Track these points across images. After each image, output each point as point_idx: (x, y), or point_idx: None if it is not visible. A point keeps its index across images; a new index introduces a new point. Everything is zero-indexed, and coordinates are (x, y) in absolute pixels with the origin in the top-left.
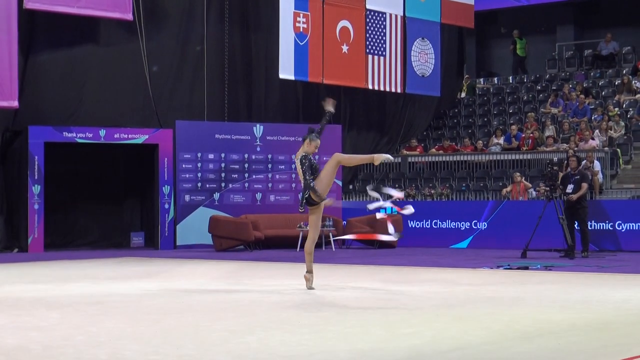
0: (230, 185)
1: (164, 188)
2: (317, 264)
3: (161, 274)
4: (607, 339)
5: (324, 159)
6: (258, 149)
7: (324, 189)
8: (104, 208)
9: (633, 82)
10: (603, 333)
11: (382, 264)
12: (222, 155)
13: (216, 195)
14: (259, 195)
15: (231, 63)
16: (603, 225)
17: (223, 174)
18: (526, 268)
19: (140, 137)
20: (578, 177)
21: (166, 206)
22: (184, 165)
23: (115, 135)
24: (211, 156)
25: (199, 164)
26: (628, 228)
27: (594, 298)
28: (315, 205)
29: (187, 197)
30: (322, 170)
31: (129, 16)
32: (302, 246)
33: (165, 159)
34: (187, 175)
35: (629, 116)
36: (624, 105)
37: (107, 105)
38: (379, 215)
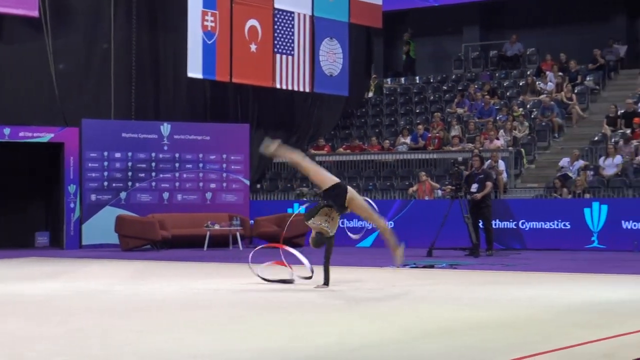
0: (137, 185)
1: (69, 187)
2: (224, 264)
3: (67, 274)
4: (511, 336)
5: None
6: (165, 147)
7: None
8: (8, 208)
9: (537, 83)
10: (507, 331)
11: (289, 263)
12: (129, 154)
13: (123, 195)
14: (166, 195)
15: (139, 61)
16: (507, 224)
17: (130, 173)
18: (432, 267)
19: (45, 136)
20: (482, 176)
21: (72, 205)
22: (90, 164)
23: (20, 134)
24: (118, 155)
25: (106, 163)
26: (532, 227)
27: (499, 296)
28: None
29: (93, 197)
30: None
31: (34, 13)
32: (209, 246)
33: (71, 157)
34: (94, 174)
35: (533, 116)
36: (528, 106)
37: (11, 104)
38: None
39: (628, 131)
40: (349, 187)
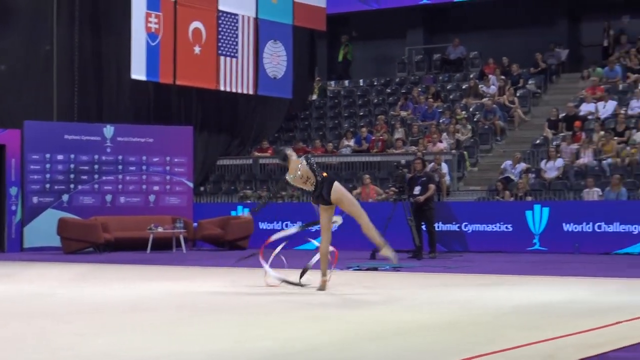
0: (79, 187)
1: (11, 189)
2: (167, 266)
3: (8, 277)
4: (454, 338)
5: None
6: (108, 150)
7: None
8: None
9: (480, 86)
10: (450, 333)
11: (233, 266)
12: (72, 156)
13: (65, 197)
14: (109, 197)
15: (82, 63)
16: (450, 227)
17: (72, 175)
18: (375, 269)
19: None
20: (425, 179)
21: (13, 208)
22: (32, 167)
23: None
24: (60, 157)
25: (48, 165)
26: (475, 229)
27: (442, 298)
28: (328, 205)
29: (35, 199)
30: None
31: None
32: (153, 248)
33: (13, 159)
34: (36, 177)
35: (475, 119)
36: (471, 109)
37: None
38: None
39: (569, 134)
40: (333, 187)
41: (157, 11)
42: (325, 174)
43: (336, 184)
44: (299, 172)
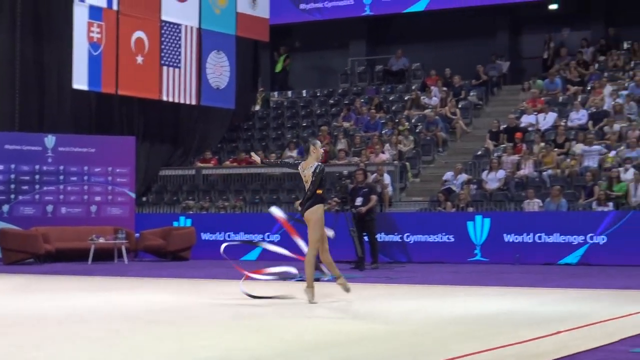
0: (20, 197)
1: None
2: (108, 277)
3: None
4: (394, 349)
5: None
6: (49, 160)
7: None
8: None
9: (422, 97)
10: (391, 343)
11: (175, 277)
12: (12, 166)
13: (5, 207)
14: (50, 208)
15: (23, 72)
16: (393, 237)
17: (13, 186)
18: (317, 280)
19: None
20: (366, 189)
21: None
22: None
23: None
24: (0, 167)
25: None
26: (417, 240)
27: (383, 309)
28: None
29: None
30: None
31: None
32: (94, 259)
33: None
34: None
35: (417, 131)
36: (413, 120)
37: None
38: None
39: (510, 146)
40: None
41: (99, 21)
42: (319, 191)
43: (317, 206)
44: (305, 171)
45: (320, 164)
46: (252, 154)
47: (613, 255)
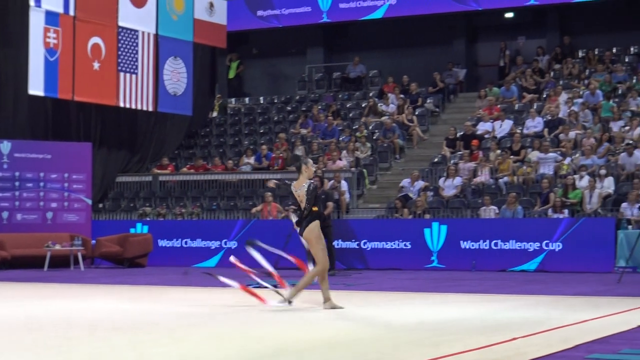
0: None
1: None
2: (64, 284)
3: None
4: (349, 355)
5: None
6: (5, 166)
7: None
8: None
9: (379, 104)
10: (346, 350)
11: (131, 284)
12: None
13: None
14: (5, 214)
15: None
16: (350, 244)
17: None
18: (275, 286)
19: None
20: (323, 196)
21: None
22: None
23: None
24: None
25: None
26: (374, 247)
27: (339, 316)
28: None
29: None
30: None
31: None
32: (50, 266)
33: None
34: None
35: (375, 137)
36: (370, 127)
37: None
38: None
39: (467, 153)
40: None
41: (56, 26)
42: (315, 208)
43: (313, 224)
44: (298, 191)
45: (312, 181)
46: (272, 181)
47: (569, 261)
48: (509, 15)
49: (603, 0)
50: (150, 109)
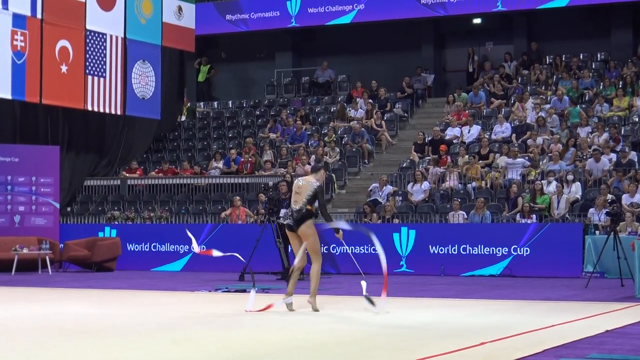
0: None
1: None
2: (32, 288)
3: None
4: (319, 359)
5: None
6: None
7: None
8: None
9: (348, 109)
10: (316, 353)
11: (100, 288)
12: None
13: None
14: None
15: None
16: (320, 249)
17: None
18: (244, 291)
19: None
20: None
21: None
22: None
23: None
24: None
25: None
26: (344, 251)
27: (309, 320)
28: (293, 233)
29: None
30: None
31: None
32: (18, 270)
33: None
34: None
35: (343, 142)
36: (339, 132)
37: None
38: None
39: (435, 158)
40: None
41: (23, 29)
42: (309, 207)
43: (310, 221)
44: (301, 182)
45: (320, 184)
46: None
47: (536, 266)
48: (477, 21)
49: (570, 7)
50: (119, 112)
